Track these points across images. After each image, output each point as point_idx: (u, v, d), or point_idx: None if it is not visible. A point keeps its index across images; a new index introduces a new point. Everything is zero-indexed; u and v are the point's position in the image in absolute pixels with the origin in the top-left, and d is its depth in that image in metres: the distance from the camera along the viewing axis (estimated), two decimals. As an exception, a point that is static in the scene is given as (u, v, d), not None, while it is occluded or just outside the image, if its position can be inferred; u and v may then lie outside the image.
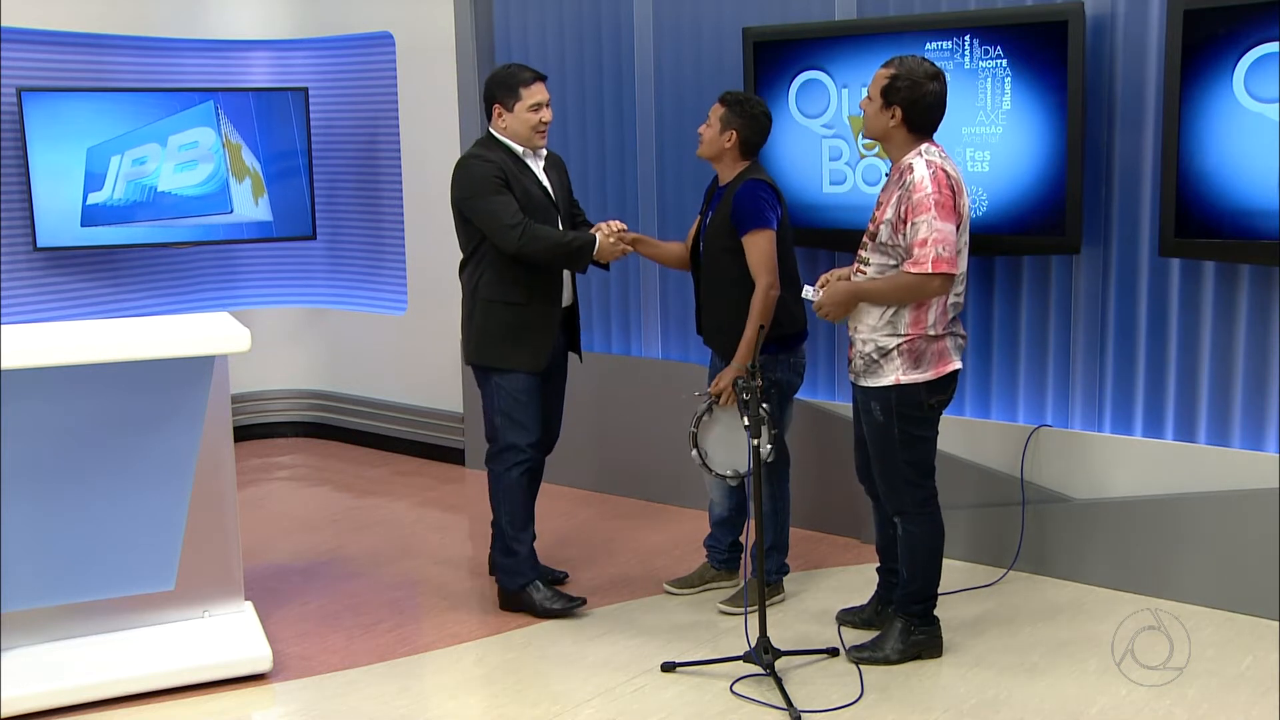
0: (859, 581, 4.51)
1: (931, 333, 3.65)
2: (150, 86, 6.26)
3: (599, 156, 5.70)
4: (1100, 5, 4.29)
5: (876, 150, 4.67)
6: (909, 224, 3.54)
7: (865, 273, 3.72)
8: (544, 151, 4.30)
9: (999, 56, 4.36)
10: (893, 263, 3.63)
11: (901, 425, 3.70)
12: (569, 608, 4.29)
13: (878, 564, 4.13)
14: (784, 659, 3.75)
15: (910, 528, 3.79)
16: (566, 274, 4.31)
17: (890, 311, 3.65)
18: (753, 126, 4.14)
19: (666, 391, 5.50)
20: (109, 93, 6.07)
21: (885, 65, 3.67)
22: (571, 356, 4.51)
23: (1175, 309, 4.31)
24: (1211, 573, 4.21)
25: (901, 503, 3.79)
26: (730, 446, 4.09)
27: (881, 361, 3.68)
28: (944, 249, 3.51)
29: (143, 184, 6.17)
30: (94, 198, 6.06)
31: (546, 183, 4.28)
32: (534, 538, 4.37)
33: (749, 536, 4.12)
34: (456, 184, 4.20)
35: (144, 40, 6.29)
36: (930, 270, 3.51)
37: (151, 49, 6.34)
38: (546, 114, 4.21)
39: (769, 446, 3.90)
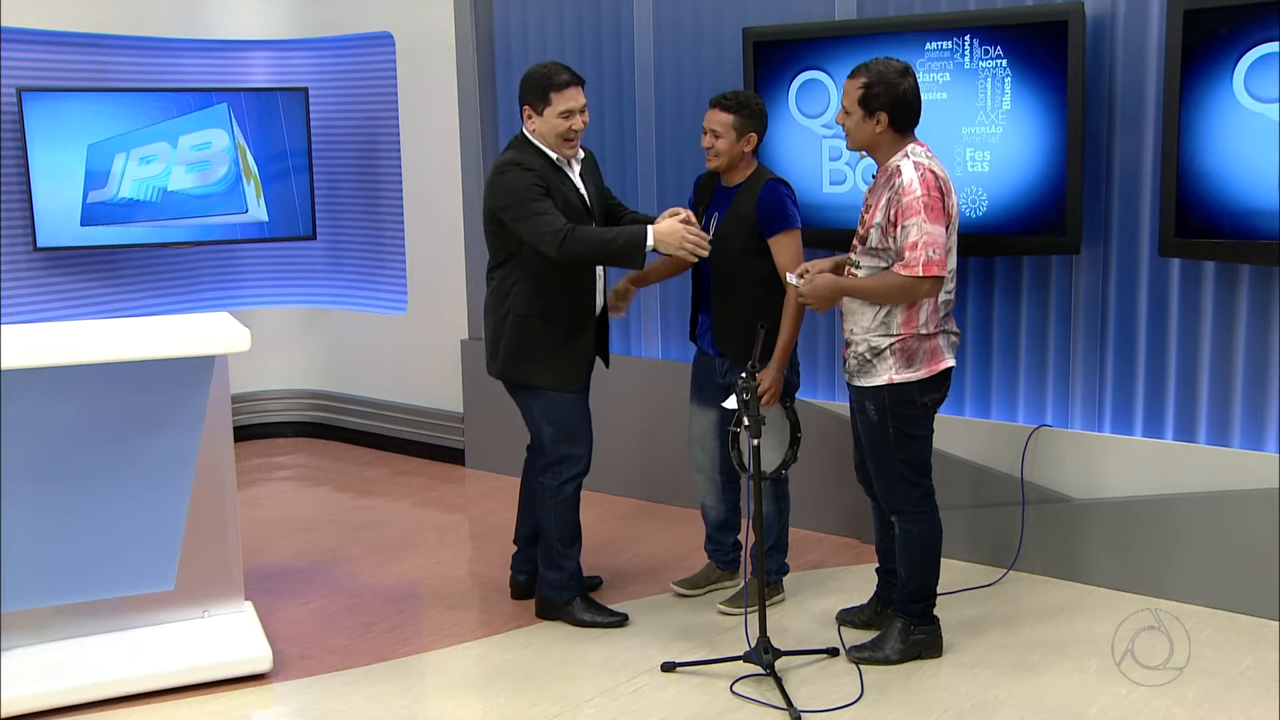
0: (859, 581, 4.51)
1: (923, 331, 3.66)
2: (151, 86, 6.26)
3: (599, 156, 5.67)
4: (1100, 5, 4.29)
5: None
6: (899, 227, 3.54)
7: (856, 275, 3.72)
8: (580, 154, 4.10)
9: (999, 56, 4.36)
10: (883, 265, 3.64)
11: (896, 424, 3.70)
12: (611, 623, 4.20)
13: (877, 564, 4.13)
14: (784, 659, 3.75)
15: (907, 526, 3.79)
16: (600, 282, 4.14)
17: (883, 312, 3.65)
18: (764, 124, 4.14)
19: (666, 391, 5.50)
20: (109, 93, 6.08)
21: (852, 76, 3.65)
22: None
23: (1175, 309, 4.31)
24: (1211, 573, 4.21)
25: (898, 502, 3.79)
26: (766, 448, 4.05)
27: (875, 361, 3.68)
28: (934, 251, 3.52)
29: (151, 183, 6.17)
30: (96, 195, 6.06)
31: (583, 190, 4.09)
32: (580, 551, 4.24)
33: (747, 535, 4.15)
34: (494, 192, 3.97)
35: (144, 40, 6.29)
36: (921, 273, 3.51)
37: (151, 49, 6.34)
38: (578, 121, 3.97)
39: (791, 450, 3.98)
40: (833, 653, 3.92)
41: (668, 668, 3.85)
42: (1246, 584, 4.13)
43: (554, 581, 4.22)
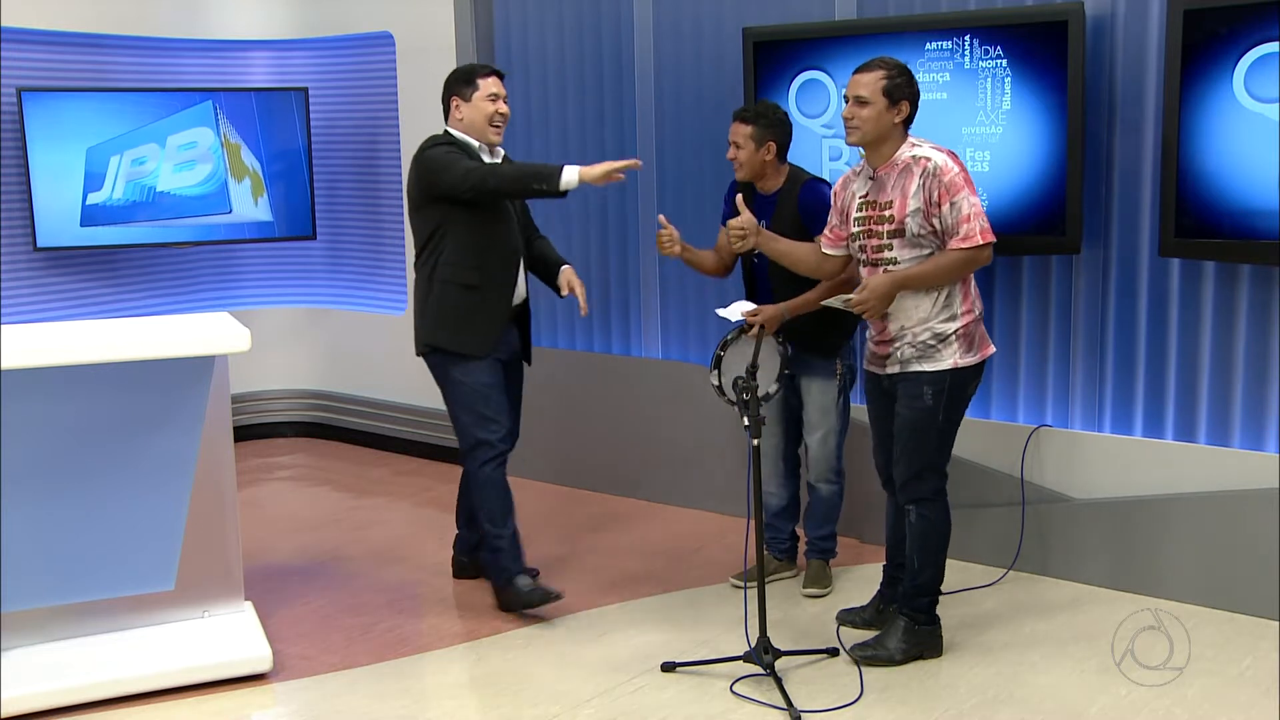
0: (859, 581, 4.51)
1: (977, 311, 3.74)
2: (150, 86, 6.26)
3: (599, 156, 5.69)
4: (1100, 5, 4.29)
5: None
6: (946, 205, 3.60)
7: (896, 270, 3.73)
8: (500, 151, 4.36)
9: (999, 56, 4.36)
10: (927, 251, 3.67)
11: (948, 409, 3.73)
12: (546, 599, 4.30)
13: (885, 561, 4.11)
14: (784, 659, 3.75)
15: (926, 514, 3.80)
16: (521, 274, 4.36)
17: (942, 297, 3.68)
18: (784, 130, 4.26)
19: (667, 391, 5.50)
20: (109, 93, 6.08)
21: (868, 70, 3.69)
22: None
23: (1175, 309, 4.31)
24: (1211, 573, 4.21)
25: (922, 490, 3.80)
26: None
27: (939, 346, 3.70)
28: (984, 220, 3.62)
29: (142, 184, 6.18)
30: (93, 198, 6.07)
31: None
32: (514, 529, 4.35)
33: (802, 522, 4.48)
34: (418, 169, 4.22)
35: (144, 40, 6.29)
36: (980, 241, 3.60)
37: (151, 49, 6.34)
38: (503, 106, 4.28)
39: (777, 384, 4.16)
40: (833, 653, 3.92)
41: (668, 668, 3.85)
42: (1246, 584, 4.13)
43: (492, 563, 4.38)
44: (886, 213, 3.71)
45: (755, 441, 3.66)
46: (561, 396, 5.86)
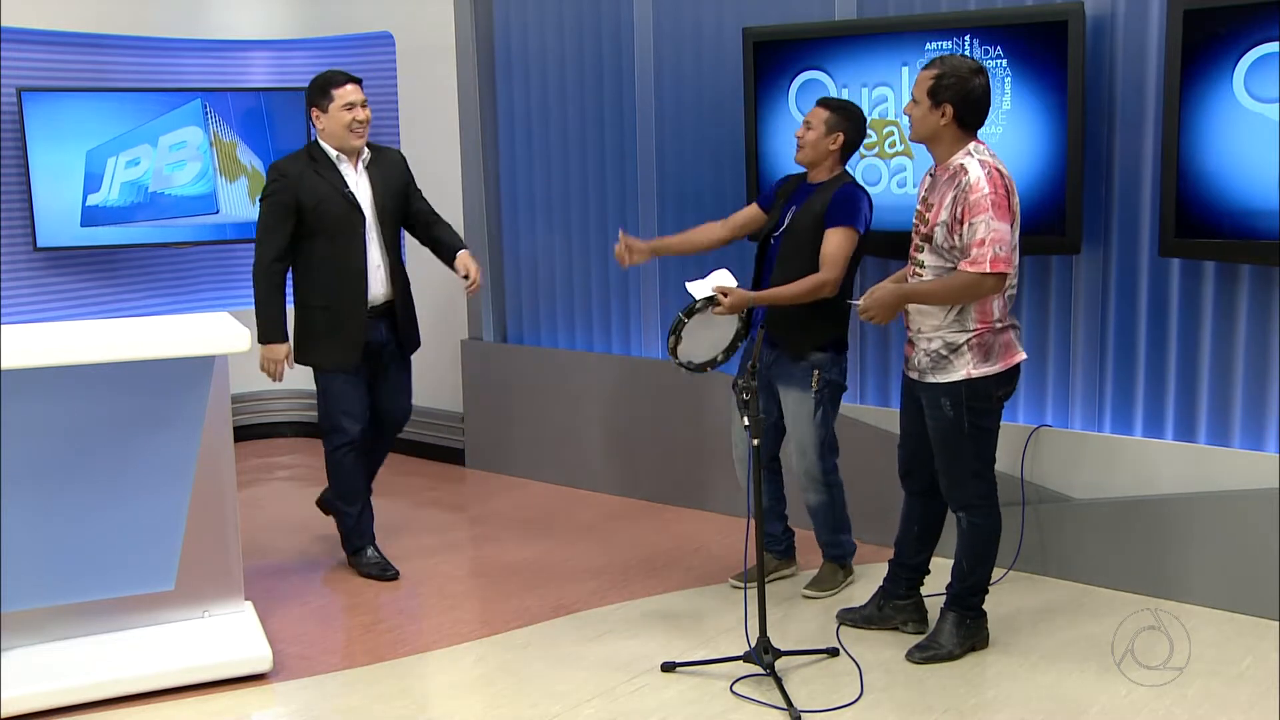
0: (859, 581, 4.51)
1: (998, 325, 3.68)
2: (150, 87, 6.26)
3: (599, 156, 5.70)
4: (1100, 5, 4.29)
5: (876, 151, 4.68)
6: (966, 224, 3.55)
7: (922, 275, 3.72)
8: (366, 154, 4.55)
9: (999, 56, 4.36)
10: (949, 264, 3.64)
11: (971, 419, 3.71)
12: (384, 575, 4.70)
13: (892, 557, 4.10)
14: (784, 659, 3.75)
15: (975, 520, 3.80)
16: (382, 274, 4.58)
17: (956, 308, 3.65)
18: (858, 130, 4.23)
19: (666, 391, 5.50)
20: (108, 93, 6.08)
21: (927, 67, 3.67)
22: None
23: (1175, 309, 4.31)
24: (1211, 573, 4.21)
25: (968, 496, 3.79)
26: (704, 342, 4.21)
27: (951, 357, 3.68)
28: (1000, 248, 3.52)
29: (137, 185, 6.17)
30: (93, 199, 6.07)
31: (357, 189, 4.52)
32: (364, 508, 4.75)
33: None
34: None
35: (144, 40, 6.29)
36: (988, 269, 3.52)
37: (151, 49, 6.34)
38: (360, 113, 4.46)
39: (724, 354, 4.24)
40: (833, 653, 3.92)
41: (668, 668, 3.85)
42: (1246, 584, 4.13)
43: (343, 533, 4.79)
44: (928, 215, 3.70)
45: (755, 442, 3.66)
46: (561, 397, 5.86)
